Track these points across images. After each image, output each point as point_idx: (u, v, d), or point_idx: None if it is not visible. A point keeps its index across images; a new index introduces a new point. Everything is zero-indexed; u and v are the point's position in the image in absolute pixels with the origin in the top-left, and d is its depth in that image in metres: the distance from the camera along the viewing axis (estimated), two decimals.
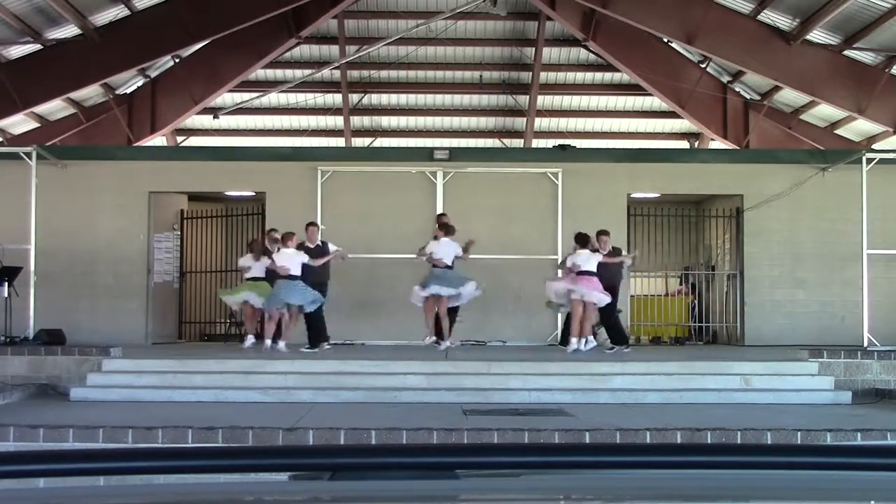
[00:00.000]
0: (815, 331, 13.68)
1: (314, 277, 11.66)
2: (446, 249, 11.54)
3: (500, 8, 17.97)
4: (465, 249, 11.65)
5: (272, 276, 11.65)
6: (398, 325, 13.35)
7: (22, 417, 8.01)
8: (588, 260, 11.32)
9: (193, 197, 15.70)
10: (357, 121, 23.31)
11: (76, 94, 19.27)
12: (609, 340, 12.02)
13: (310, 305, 11.49)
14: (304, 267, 11.51)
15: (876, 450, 1.36)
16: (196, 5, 17.28)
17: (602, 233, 12.00)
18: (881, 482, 1.40)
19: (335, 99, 22.24)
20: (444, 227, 11.72)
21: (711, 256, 16.11)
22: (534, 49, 20.76)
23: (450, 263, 11.54)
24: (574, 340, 11.32)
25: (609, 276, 11.59)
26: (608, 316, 11.95)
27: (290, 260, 11.42)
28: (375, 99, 22.94)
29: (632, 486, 1.46)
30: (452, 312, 11.91)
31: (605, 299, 11.37)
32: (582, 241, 11.52)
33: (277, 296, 11.41)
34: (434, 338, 11.74)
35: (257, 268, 12.02)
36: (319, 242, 12.14)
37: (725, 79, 20.81)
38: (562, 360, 10.94)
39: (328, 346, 11.95)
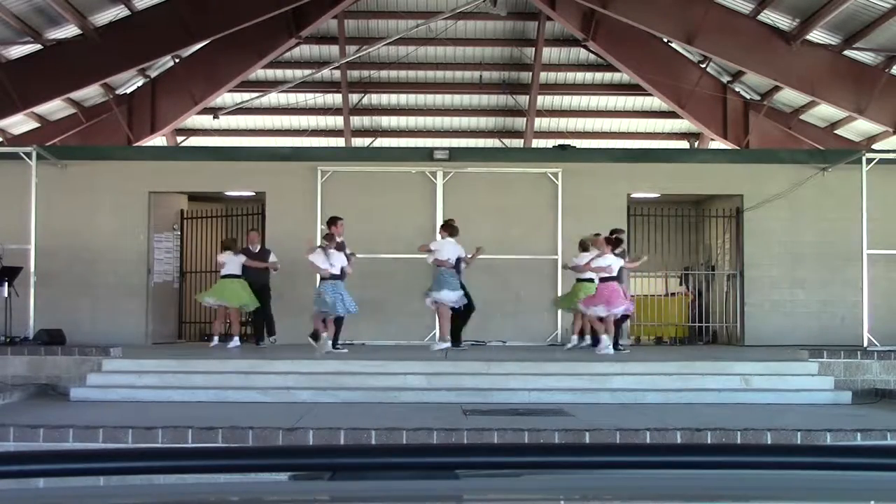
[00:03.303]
0: (815, 331, 13.68)
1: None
2: (450, 250, 11.61)
3: (500, 8, 17.96)
4: (472, 257, 11.84)
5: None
6: (398, 325, 13.37)
7: (22, 417, 8.01)
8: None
9: (193, 197, 15.70)
10: (357, 121, 23.31)
11: (76, 94, 19.27)
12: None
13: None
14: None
15: (876, 450, 1.36)
16: (196, 5, 17.28)
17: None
18: (881, 482, 1.40)
19: (335, 99, 22.25)
20: (449, 228, 11.77)
21: (711, 256, 16.11)
22: (534, 49, 20.76)
23: (454, 265, 11.60)
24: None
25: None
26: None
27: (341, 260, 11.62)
28: (375, 99, 22.94)
29: (632, 486, 1.46)
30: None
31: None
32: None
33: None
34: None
35: (235, 264, 12.57)
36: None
37: (725, 79, 20.82)
38: (562, 360, 10.94)
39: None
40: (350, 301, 11.40)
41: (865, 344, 11.79)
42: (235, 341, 12.41)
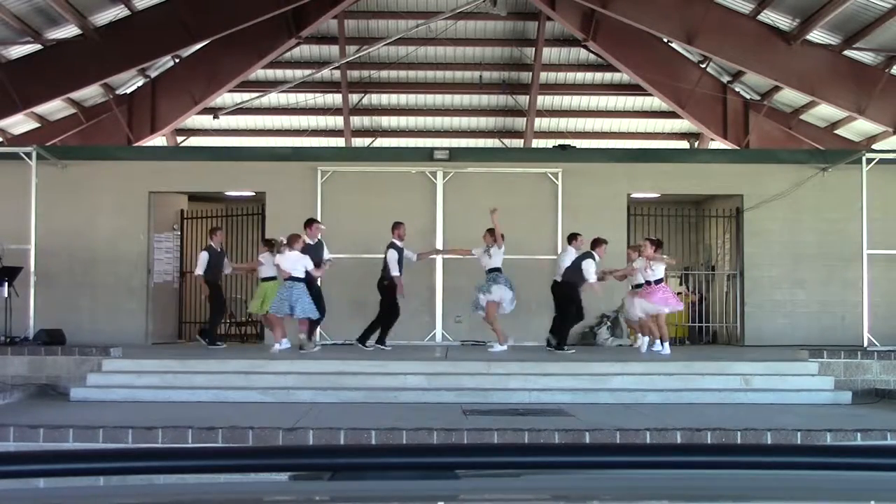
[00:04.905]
0: (815, 331, 13.68)
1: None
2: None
3: (500, 8, 17.96)
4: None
5: None
6: (398, 325, 13.33)
7: (22, 417, 8.02)
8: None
9: (193, 197, 15.70)
10: (357, 121, 23.31)
11: (76, 94, 19.27)
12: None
13: (300, 314, 11.48)
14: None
15: (876, 450, 1.36)
16: (196, 5, 17.28)
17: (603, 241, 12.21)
18: (881, 482, 1.40)
19: (335, 99, 22.24)
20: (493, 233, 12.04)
21: (711, 256, 16.11)
22: (534, 49, 20.76)
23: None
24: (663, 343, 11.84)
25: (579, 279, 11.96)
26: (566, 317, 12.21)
27: (294, 263, 11.42)
28: (375, 99, 22.94)
29: (632, 486, 1.46)
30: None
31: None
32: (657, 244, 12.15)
33: (283, 301, 11.43)
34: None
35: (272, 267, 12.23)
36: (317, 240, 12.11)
37: (725, 79, 20.81)
38: (562, 361, 10.95)
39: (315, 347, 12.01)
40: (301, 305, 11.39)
41: (865, 344, 11.80)
42: (285, 343, 11.90)
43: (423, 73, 21.81)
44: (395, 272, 11.92)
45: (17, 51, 17.44)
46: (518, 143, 23.26)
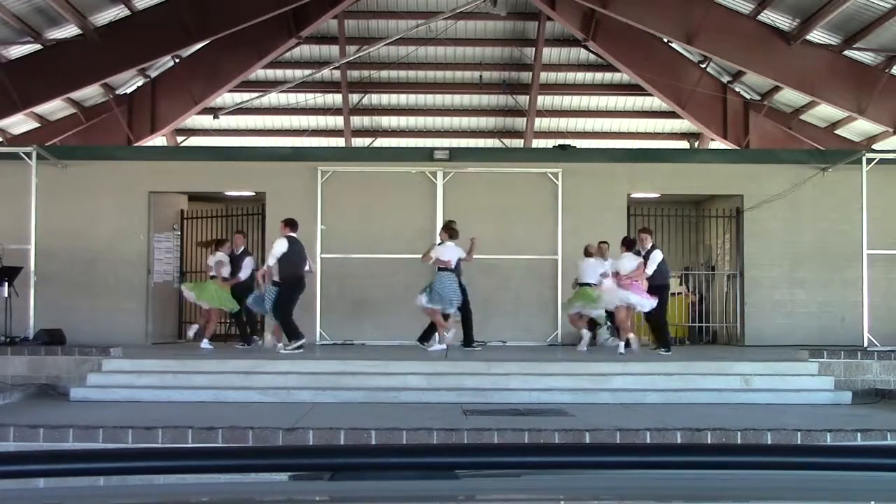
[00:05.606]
0: (815, 331, 13.68)
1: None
2: (452, 253, 11.68)
3: (500, 8, 17.97)
4: (470, 251, 11.78)
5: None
6: (398, 325, 13.35)
7: (22, 417, 8.01)
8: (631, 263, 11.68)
9: (193, 197, 15.69)
10: (357, 121, 23.32)
11: (76, 94, 19.27)
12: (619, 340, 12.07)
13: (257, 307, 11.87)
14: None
15: (876, 450, 1.36)
16: (196, 5, 17.28)
17: (644, 230, 12.28)
18: (881, 482, 1.40)
19: (335, 99, 22.25)
20: (449, 231, 11.82)
21: (711, 256, 16.10)
22: (534, 49, 20.77)
23: (454, 267, 11.65)
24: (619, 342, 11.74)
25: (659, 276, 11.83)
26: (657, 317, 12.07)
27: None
28: (375, 99, 22.95)
29: (632, 486, 1.46)
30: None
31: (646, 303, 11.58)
32: (629, 244, 11.91)
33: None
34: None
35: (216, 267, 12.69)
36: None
37: (725, 79, 20.82)
38: (562, 361, 10.95)
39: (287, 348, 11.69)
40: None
41: (865, 344, 11.79)
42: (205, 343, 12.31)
43: (423, 73, 21.82)
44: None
45: (17, 51, 17.45)
46: (518, 143, 23.27)
